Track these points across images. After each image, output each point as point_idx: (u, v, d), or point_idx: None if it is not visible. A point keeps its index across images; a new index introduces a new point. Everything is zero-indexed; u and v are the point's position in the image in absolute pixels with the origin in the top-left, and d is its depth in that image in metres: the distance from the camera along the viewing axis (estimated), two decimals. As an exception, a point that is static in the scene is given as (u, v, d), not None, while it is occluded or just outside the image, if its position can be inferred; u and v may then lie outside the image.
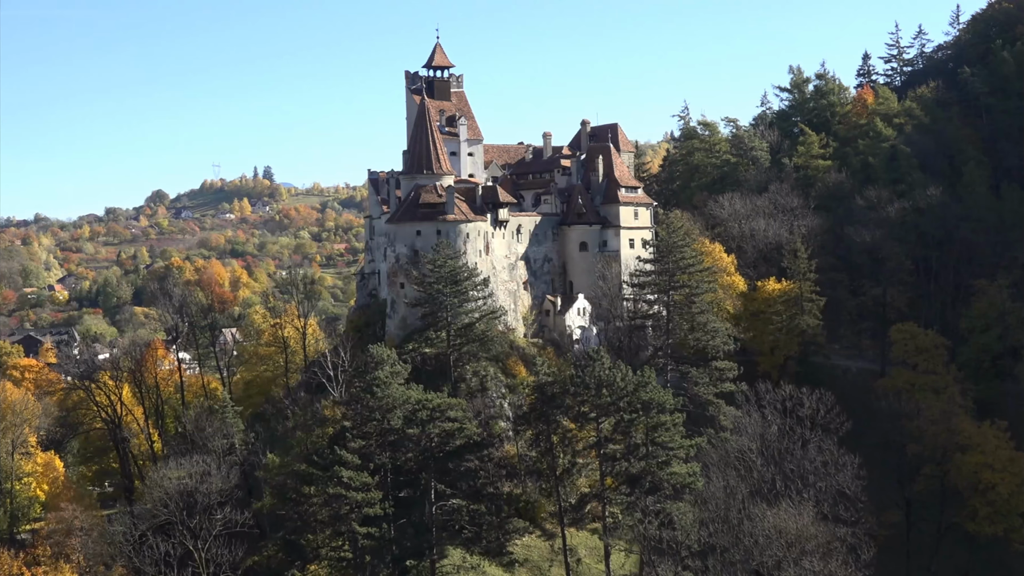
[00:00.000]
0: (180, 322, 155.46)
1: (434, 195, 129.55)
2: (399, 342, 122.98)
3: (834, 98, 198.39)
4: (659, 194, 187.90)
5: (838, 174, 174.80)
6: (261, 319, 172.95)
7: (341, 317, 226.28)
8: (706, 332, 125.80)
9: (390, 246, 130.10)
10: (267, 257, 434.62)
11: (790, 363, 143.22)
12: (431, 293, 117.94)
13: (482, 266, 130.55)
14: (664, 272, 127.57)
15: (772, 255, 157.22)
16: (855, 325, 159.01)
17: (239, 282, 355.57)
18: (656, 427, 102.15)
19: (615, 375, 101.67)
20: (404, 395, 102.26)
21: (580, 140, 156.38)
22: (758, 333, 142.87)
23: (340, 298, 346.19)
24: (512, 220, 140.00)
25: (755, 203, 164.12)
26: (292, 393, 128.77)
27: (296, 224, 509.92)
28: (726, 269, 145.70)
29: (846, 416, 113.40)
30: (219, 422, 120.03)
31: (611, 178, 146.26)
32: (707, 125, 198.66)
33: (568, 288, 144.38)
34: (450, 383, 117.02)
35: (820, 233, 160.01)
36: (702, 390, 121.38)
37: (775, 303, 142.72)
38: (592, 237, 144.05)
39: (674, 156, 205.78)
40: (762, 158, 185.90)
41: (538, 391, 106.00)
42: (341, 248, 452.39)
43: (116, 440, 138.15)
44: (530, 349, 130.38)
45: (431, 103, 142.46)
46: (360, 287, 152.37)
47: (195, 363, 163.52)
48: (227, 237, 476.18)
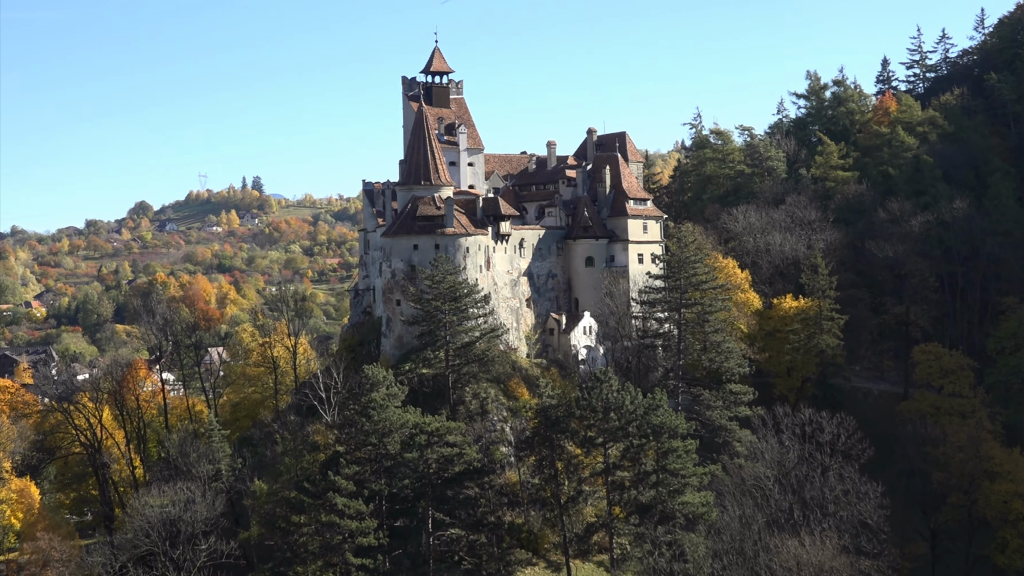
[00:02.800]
0: (164, 341, 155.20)
1: (432, 207, 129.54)
2: (395, 362, 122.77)
3: (853, 105, 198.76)
4: (669, 206, 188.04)
5: (858, 185, 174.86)
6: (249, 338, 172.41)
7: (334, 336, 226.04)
8: (720, 352, 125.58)
9: (386, 261, 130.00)
10: (256, 272, 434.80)
11: (808, 385, 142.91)
12: (429, 311, 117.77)
13: (483, 282, 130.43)
14: (675, 289, 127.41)
15: (789, 271, 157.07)
16: (877, 345, 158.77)
17: (226, 299, 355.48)
18: (667, 453, 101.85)
19: (623, 398, 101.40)
20: (401, 418, 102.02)
21: (586, 149, 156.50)
22: (774, 354, 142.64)
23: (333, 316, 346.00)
24: (514, 234, 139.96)
25: (771, 216, 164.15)
26: (282, 416, 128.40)
27: (287, 237, 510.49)
28: (740, 286, 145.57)
29: (868, 442, 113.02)
30: (204, 447, 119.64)
31: (619, 189, 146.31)
32: (720, 134, 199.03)
33: (573, 305, 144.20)
34: (449, 406, 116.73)
35: (840, 248, 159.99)
36: (716, 414, 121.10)
37: (792, 322, 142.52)
38: (599, 252, 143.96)
39: (685, 166, 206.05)
40: (778, 168, 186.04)
41: (542, 415, 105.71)
42: (334, 263, 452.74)
43: (95, 466, 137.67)
44: (533, 370, 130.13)
45: (429, 110, 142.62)
46: (354, 304, 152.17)
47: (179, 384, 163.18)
48: (214, 251, 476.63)
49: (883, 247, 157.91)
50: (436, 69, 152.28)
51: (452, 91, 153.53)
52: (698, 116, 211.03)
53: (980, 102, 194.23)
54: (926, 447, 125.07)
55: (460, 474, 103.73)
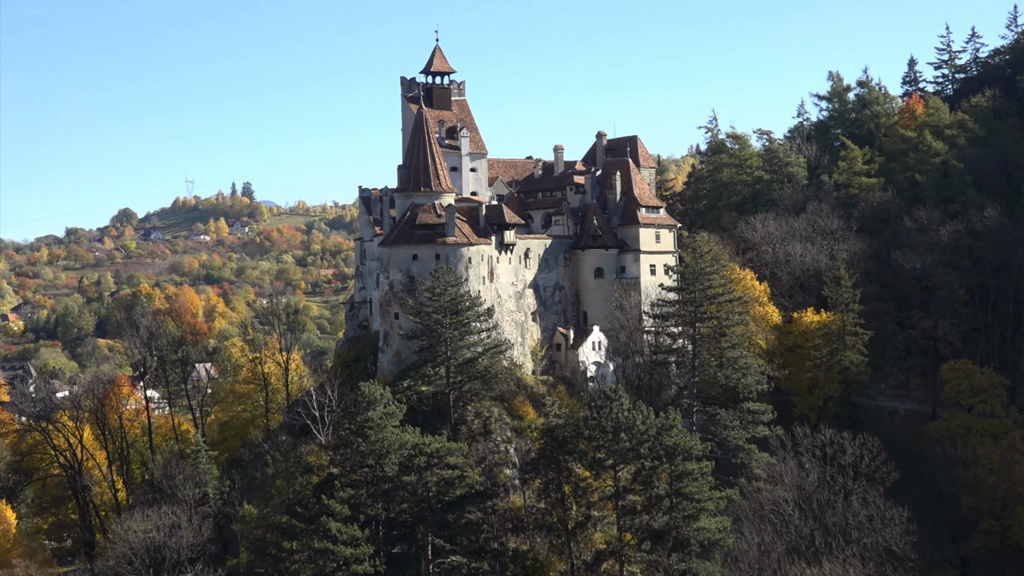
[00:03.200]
0: (148, 356, 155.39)
1: (432, 215, 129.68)
2: (393, 379, 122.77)
3: (878, 108, 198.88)
4: (683, 215, 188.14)
5: (884, 193, 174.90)
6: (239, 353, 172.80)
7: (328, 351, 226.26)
8: (737, 369, 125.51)
9: (383, 272, 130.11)
10: (246, 284, 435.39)
11: (830, 404, 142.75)
12: (429, 324, 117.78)
13: (486, 294, 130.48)
14: (689, 302, 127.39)
15: (810, 283, 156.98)
16: (903, 362, 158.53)
17: (214, 311, 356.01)
18: (681, 476, 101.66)
19: (635, 417, 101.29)
20: (399, 439, 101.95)
21: (595, 154, 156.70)
22: (795, 370, 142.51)
23: (327, 330, 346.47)
24: (519, 243, 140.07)
25: (791, 225, 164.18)
26: (273, 436, 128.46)
27: (278, 247, 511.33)
28: (759, 299, 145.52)
29: (893, 464, 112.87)
30: (191, 468, 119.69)
31: (630, 197, 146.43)
32: (737, 138, 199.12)
33: (582, 319, 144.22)
34: (450, 425, 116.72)
35: (864, 259, 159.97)
36: (732, 434, 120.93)
37: (814, 337, 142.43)
38: (609, 262, 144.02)
39: (700, 172, 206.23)
40: (799, 175, 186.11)
41: (548, 435, 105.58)
42: (328, 274, 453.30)
43: (75, 488, 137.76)
44: (539, 388, 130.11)
45: (429, 113, 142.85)
46: (349, 317, 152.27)
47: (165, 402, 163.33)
48: (201, 261, 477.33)
49: (910, 258, 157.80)
50: (437, 69, 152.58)
51: (454, 92, 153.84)
52: (714, 119, 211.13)
53: (1012, 104, 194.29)
54: (955, 470, 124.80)
55: (461, 498, 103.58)
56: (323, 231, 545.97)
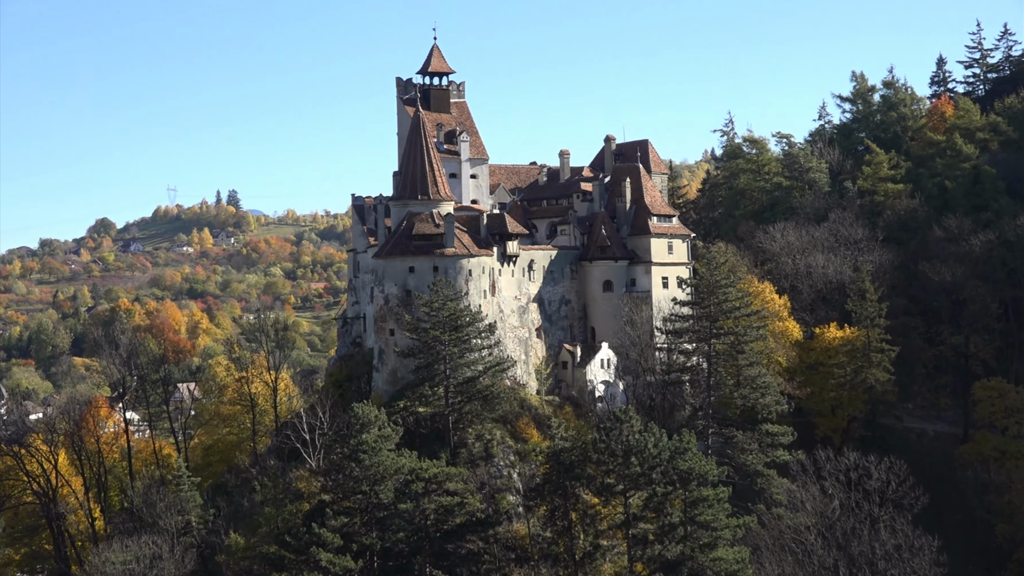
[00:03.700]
0: (128, 376, 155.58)
1: (430, 225, 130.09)
2: (388, 399, 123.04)
3: (905, 110, 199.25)
4: (698, 224, 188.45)
5: (911, 200, 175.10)
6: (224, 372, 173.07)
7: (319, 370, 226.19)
8: (755, 388, 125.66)
9: (378, 285, 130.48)
10: (232, 298, 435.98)
11: (855, 426, 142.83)
12: (426, 341, 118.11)
13: (487, 309, 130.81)
14: (704, 317, 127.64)
15: (833, 296, 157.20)
16: (932, 380, 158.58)
17: (198, 328, 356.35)
18: (696, 503, 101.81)
19: (646, 440, 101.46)
20: (395, 463, 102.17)
21: (603, 159, 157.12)
22: (817, 390, 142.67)
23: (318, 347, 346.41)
24: (523, 254, 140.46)
25: (812, 234, 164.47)
26: (260, 461, 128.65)
27: (266, 259, 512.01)
28: (778, 313, 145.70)
29: (922, 489, 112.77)
30: (173, 495, 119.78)
31: (640, 205, 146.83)
32: (754, 142, 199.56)
33: (590, 335, 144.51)
34: (449, 449, 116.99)
35: (890, 270, 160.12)
36: (750, 458, 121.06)
37: (837, 354, 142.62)
38: (618, 275, 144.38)
39: (715, 179, 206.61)
40: (820, 181, 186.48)
41: (554, 459, 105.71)
42: (319, 288, 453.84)
43: (50, 517, 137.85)
44: (544, 408, 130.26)
45: (427, 116, 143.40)
46: (342, 334, 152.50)
47: (145, 425, 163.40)
48: (184, 274, 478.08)
49: (939, 269, 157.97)
50: (435, 69, 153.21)
51: (453, 94, 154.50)
52: (730, 122, 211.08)
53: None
54: (989, 495, 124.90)
55: (462, 526, 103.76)
56: (314, 242, 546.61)
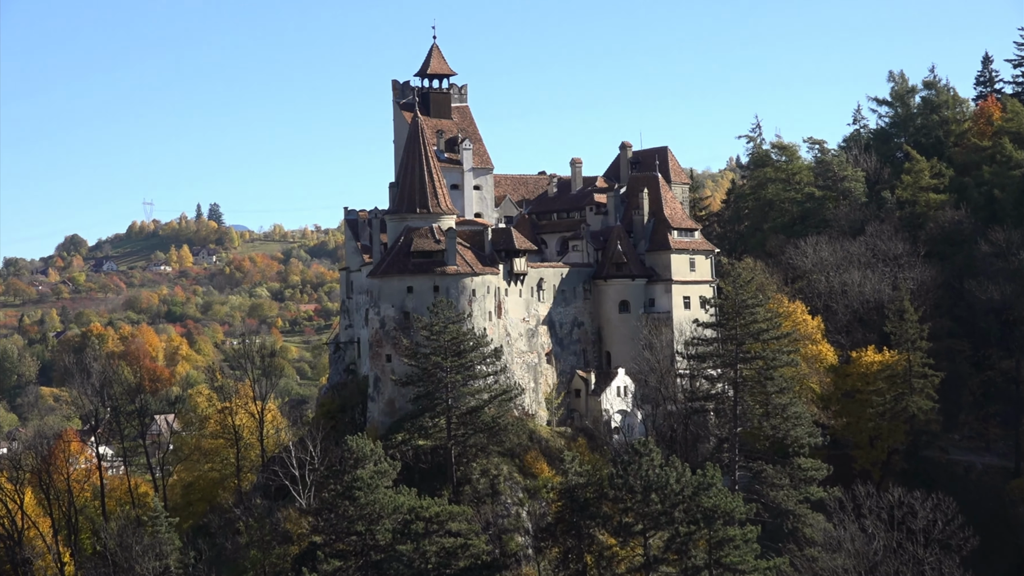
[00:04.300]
0: (100, 407, 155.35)
1: (430, 240, 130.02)
2: (385, 432, 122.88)
3: (948, 113, 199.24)
4: (722, 238, 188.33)
5: (955, 211, 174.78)
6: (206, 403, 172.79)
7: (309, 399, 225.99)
8: (786, 418, 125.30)
9: (373, 307, 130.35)
10: (213, 321, 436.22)
11: (896, 459, 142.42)
12: (426, 368, 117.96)
13: (492, 332, 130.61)
14: (730, 340, 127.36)
15: (871, 317, 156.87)
16: (980, 409, 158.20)
17: (177, 354, 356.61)
18: (722, 543, 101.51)
19: (667, 475, 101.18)
20: (392, 502, 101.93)
21: (619, 168, 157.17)
22: (854, 420, 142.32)
23: (308, 375, 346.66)
24: (531, 272, 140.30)
25: (848, 249, 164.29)
26: (245, 499, 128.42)
27: (251, 278, 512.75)
28: (811, 336, 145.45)
29: (971, 529, 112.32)
30: (150, 537, 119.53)
31: (659, 218, 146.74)
32: (784, 148, 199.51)
33: (605, 361, 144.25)
34: (452, 486, 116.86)
35: (933, 288, 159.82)
36: (782, 495, 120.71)
37: (875, 380, 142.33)
38: (635, 294, 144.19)
39: (741, 189, 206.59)
40: (856, 191, 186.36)
41: (566, 496, 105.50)
42: (309, 310, 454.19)
43: (15, 561, 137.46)
44: (555, 441, 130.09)
45: (426, 122, 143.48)
46: (334, 360, 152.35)
47: (119, 460, 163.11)
48: (162, 296, 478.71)
49: (987, 287, 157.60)
50: (434, 71, 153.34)
51: (454, 98, 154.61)
52: (757, 127, 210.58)
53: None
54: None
55: (466, 570, 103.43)
56: (303, 260, 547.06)
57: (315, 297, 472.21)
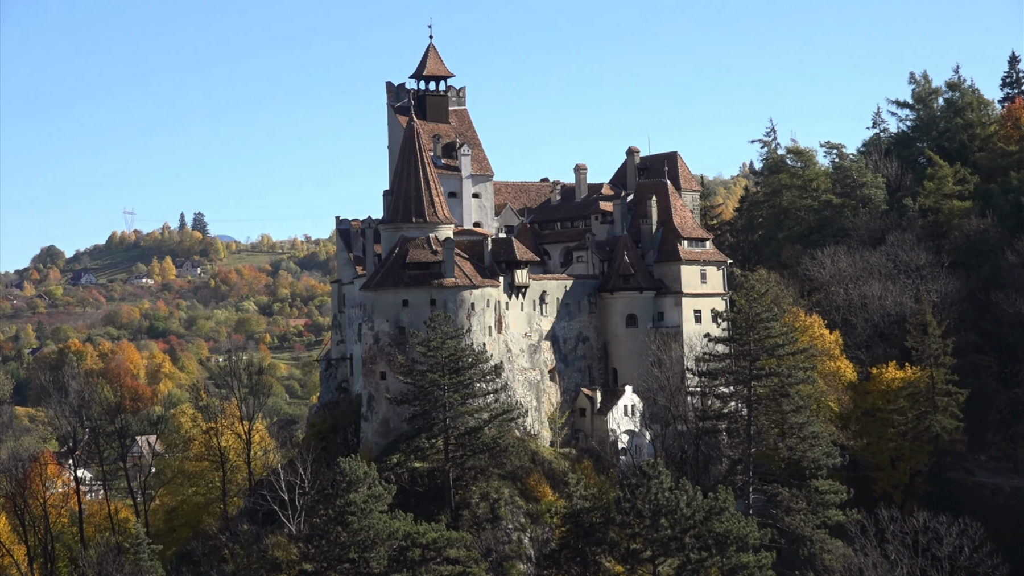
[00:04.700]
0: (78, 428, 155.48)
1: (427, 251, 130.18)
2: (379, 453, 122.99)
3: (973, 115, 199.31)
4: (735, 248, 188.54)
5: (981, 219, 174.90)
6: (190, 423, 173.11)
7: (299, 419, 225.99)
8: (802, 439, 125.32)
9: (367, 321, 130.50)
10: (198, 337, 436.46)
11: (919, 481, 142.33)
12: (423, 386, 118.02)
13: (492, 348, 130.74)
14: (743, 356, 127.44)
15: (892, 331, 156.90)
16: (1008, 428, 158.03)
17: (159, 372, 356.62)
18: (735, 570, 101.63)
19: (678, 499, 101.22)
20: (387, 527, 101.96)
21: (626, 175, 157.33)
22: (874, 440, 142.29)
23: (298, 393, 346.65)
24: (534, 285, 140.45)
25: (867, 260, 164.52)
26: (232, 525, 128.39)
27: (238, 292, 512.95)
28: (829, 351, 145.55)
29: (1000, 556, 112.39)
30: (131, 566, 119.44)
31: (669, 227, 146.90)
32: (800, 153, 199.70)
33: (611, 378, 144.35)
34: (449, 510, 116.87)
35: (958, 301, 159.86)
36: (798, 519, 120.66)
37: (897, 398, 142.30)
38: (644, 308, 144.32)
39: (755, 196, 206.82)
40: (876, 198, 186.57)
41: (571, 521, 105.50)
42: (299, 324, 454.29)
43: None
44: (559, 462, 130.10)
45: (422, 126, 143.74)
46: (325, 378, 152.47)
47: (99, 484, 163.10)
48: (143, 310, 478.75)
49: (1014, 299, 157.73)
50: (431, 73, 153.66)
51: (452, 101, 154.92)
52: (771, 131, 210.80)
53: None
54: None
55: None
56: (292, 272, 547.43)
57: (305, 311, 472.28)
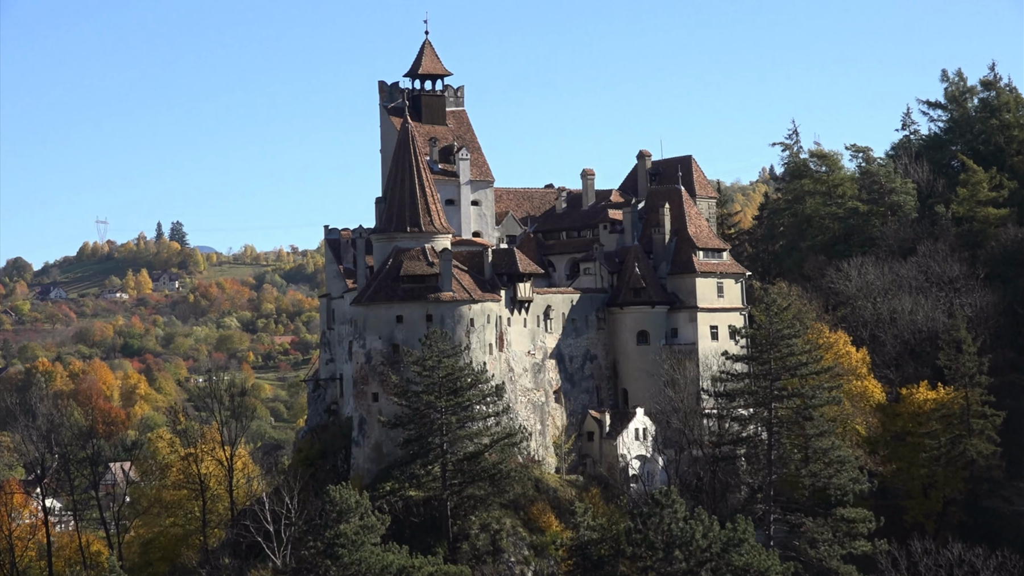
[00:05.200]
0: (47, 454, 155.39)
1: (422, 263, 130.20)
2: (372, 481, 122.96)
3: (1010, 116, 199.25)
4: (754, 259, 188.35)
5: (1018, 228, 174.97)
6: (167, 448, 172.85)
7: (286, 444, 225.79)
8: (827, 464, 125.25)
9: (358, 339, 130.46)
10: (176, 356, 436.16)
11: (953, 510, 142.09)
12: (418, 408, 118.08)
13: (493, 367, 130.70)
14: (763, 375, 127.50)
15: (923, 349, 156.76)
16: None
17: (134, 393, 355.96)
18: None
19: (693, 529, 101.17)
20: (380, 560, 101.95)
21: (637, 181, 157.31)
22: (905, 465, 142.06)
23: (284, 416, 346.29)
24: (538, 299, 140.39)
25: (897, 272, 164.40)
26: (213, 558, 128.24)
27: (219, 307, 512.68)
28: (855, 370, 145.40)
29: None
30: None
31: (683, 236, 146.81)
32: (824, 157, 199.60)
33: (621, 400, 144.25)
34: (447, 542, 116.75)
35: (994, 316, 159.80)
36: (823, 551, 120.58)
37: (929, 420, 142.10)
38: (656, 324, 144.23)
39: (776, 203, 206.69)
40: (906, 205, 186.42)
41: (578, 553, 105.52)
42: (285, 342, 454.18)
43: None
44: (565, 490, 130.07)
45: (418, 128, 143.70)
46: (313, 400, 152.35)
47: (69, 514, 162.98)
48: (117, 327, 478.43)
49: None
50: (427, 71, 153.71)
51: (449, 101, 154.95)
52: (793, 133, 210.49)
53: None
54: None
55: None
56: (278, 285, 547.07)
57: (291, 328, 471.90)
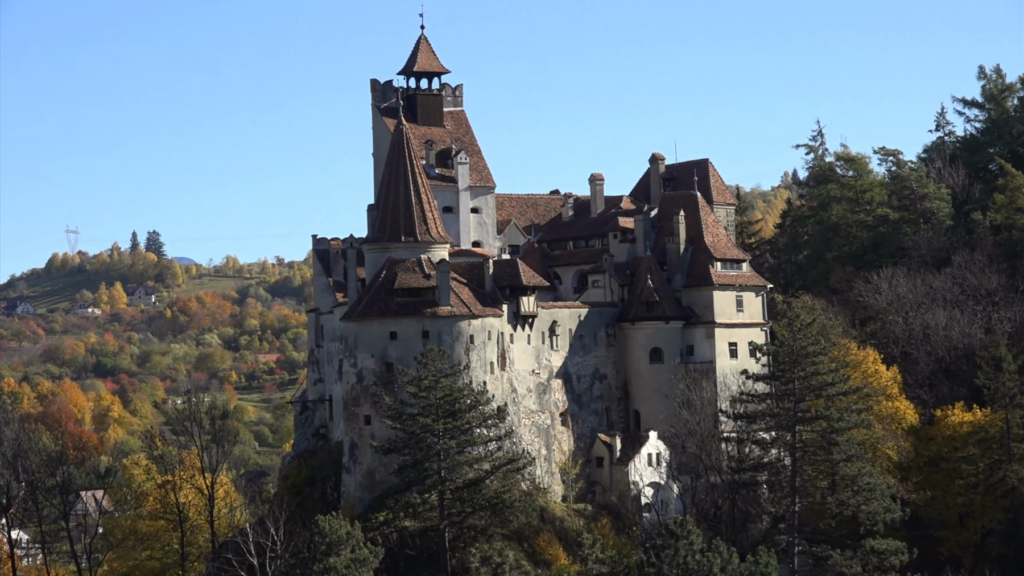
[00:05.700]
0: (13, 482, 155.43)
1: (418, 275, 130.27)
2: (364, 510, 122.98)
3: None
4: (776, 270, 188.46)
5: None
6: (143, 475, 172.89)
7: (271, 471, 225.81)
8: (856, 492, 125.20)
9: (349, 357, 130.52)
10: (153, 376, 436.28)
11: (992, 541, 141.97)
12: (414, 432, 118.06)
13: (495, 387, 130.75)
14: (786, 396, 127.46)
15: (959, 367, 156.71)
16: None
17: (108, 416, 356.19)
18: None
19: (711, 562, 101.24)
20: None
21: (649, 186, 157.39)
22: (940, 493, 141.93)
23: (269, 441, 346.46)
24: (542, 314, 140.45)
25: (930, 284, 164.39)
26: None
27: (199, 323, 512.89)
28: (886, 390, 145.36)
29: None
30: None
31: (699, 246, 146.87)
32: (851, 160, 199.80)
33: (633, 422, 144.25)
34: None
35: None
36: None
37: (965, 444, 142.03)
38: (670, 340, 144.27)
39: (799, 211, 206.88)
40: (940, 212, 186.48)
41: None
42: (270, 361, 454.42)
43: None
44: (572, 520, 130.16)
45: (413, 130, 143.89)
46: (300, 423, 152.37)
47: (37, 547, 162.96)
48: (89, 344, 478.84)
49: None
50: (423, 69, 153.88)
51: (447, 101, 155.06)
52: (818, 134, 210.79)
53: None
54: None
55: None
56: (262, 299, 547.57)
57: (277, 345, 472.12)
